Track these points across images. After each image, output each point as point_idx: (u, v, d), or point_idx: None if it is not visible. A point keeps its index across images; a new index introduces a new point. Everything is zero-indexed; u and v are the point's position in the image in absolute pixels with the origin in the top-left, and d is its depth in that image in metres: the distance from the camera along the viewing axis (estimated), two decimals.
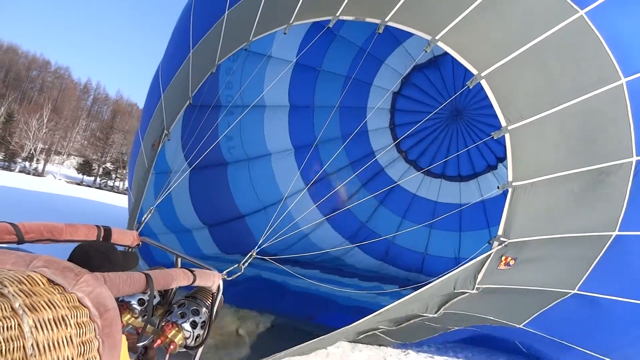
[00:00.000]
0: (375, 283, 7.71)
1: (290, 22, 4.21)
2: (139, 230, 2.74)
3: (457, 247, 8.72)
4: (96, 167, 50.27)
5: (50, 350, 0.91)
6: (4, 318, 0.84)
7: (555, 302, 3.91)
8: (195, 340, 1.96)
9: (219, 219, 7.75)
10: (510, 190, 3.46)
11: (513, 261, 3.61)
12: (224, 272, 2.38)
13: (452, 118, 8.84)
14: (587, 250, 3.64)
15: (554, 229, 3.58)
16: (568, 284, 3.79)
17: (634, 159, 3.35)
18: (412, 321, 4.12)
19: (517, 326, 4.22)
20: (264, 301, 6.60)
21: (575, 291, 3.78)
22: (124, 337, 1.27)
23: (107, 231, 2.07)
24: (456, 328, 4.61)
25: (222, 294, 2.11)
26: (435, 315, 3.95)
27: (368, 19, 3.87)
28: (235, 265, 2.75)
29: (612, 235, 3.53)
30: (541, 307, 4.02)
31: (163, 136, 5.31)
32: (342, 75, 7.81)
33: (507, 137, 3.45)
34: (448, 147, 9.03)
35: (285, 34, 4.26)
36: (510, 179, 3.47)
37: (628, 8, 3.35)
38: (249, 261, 2.90)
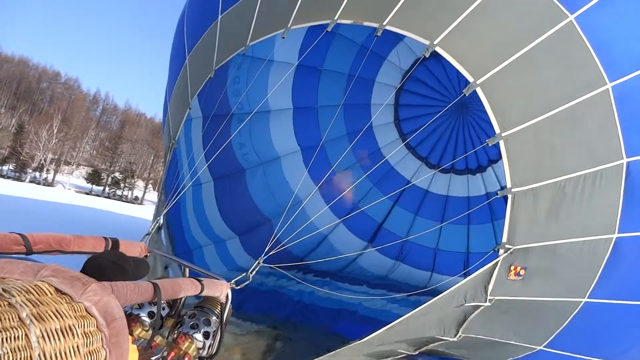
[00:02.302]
0: (383, 291, 7.70)
1: (289, 26, 4.20)
2: (147, 241, 2.74)
3: (466, 241, 8.62)
4: (105, 177, 50.75)
5: None
6: (11, 328, 0.84)
7: (571, 316, 3.83)
8: (208, 350, 1.96)
9: (247, 226, 7.76)
10: (510, 196, 3.50)
11: (523, 271, 3.58)
12: (232, 281, 2.37)
13: (457, 111, 8.75)
14: (592, 255, 3.61)
15: (557, 235, 3.58)
16: (578, 293, 3.74)
17: (625, 160, 3.38)
18: (431, 345, 4.03)
19: (538, 348, 4.11)
20: (280, 311, 6.68)
21: (586, 299, 3.73)
22: (134, 347, 1.26)
23: (115, 243, 2.07)
24: None
25: (231, 302, 2.10)
26: (455, 339, 3.86)
27: (366, 23, 3.88)
28: (243, 274, 2.73)
29: (612, 238, 3.51)
30: (559, 324, 3.92)
31: (170, 146, 5.37)
32: (344, 73, 7.74)
33: (502, 143, 3.51)
34: (456, 140, 8.91)
35: (283, 38, 4.25)
36: (509, 185, 3.51)
37: (613, 13, 3.39)
38: (256, 269, 2.88)
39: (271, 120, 7.54)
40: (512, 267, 3.55)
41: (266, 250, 3.31)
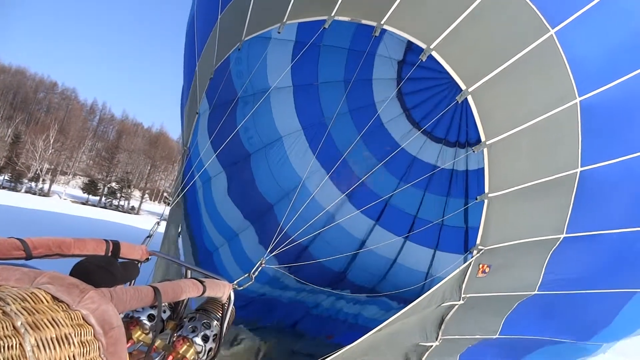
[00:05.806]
0: (383, 298, 7.67)
1: (284, 20, 4.22)
2: (147, 243, 2.71)
3: (464, 215, 8.41)
4: (101, 187, 50.56)
5: None
6: (5, 337, 0.81)
7: (518, 303, 4.14)
8: (208, 354, 1.92)
9: (259, 211, 7.63)
10: (486, 201, 3.70)
11: (488, 268, 3.84)
12: (235, 282, 2.33)
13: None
14: (542, 252, 3.89)
15: (520, 235, 3.85)
16: (529, 286, 4.03)
17: (579, 169, 3.64)
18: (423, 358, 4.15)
19: (494, 337, 4.34)
20: (283, 320, 6.60)
21: (536, 292, 4.07)
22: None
23: (116, 245, 2.04)
24: None
25: (234, 305, 2.06)
26: (437, 343, 4.03)
27: (364, 21, 3.92)
28: (245, 275, 2.71)
29: (560, 237, 3.82)
30: (507, 310, 4.20)
31: (183, 153, 5.39)
32: (344, 48, 7.48)
33: (485, 151, 3.65)
34: (460, 113, 8.62)
35: (279, 32, 4.26)
36: (486, 190, 3.69)
37: (588, 30, 3.53)
38: (259, 269, 2.84)
39: (272, 100, 7.34)
40: (480, 265, 3.81)
41: (269, 249, 3.29)
